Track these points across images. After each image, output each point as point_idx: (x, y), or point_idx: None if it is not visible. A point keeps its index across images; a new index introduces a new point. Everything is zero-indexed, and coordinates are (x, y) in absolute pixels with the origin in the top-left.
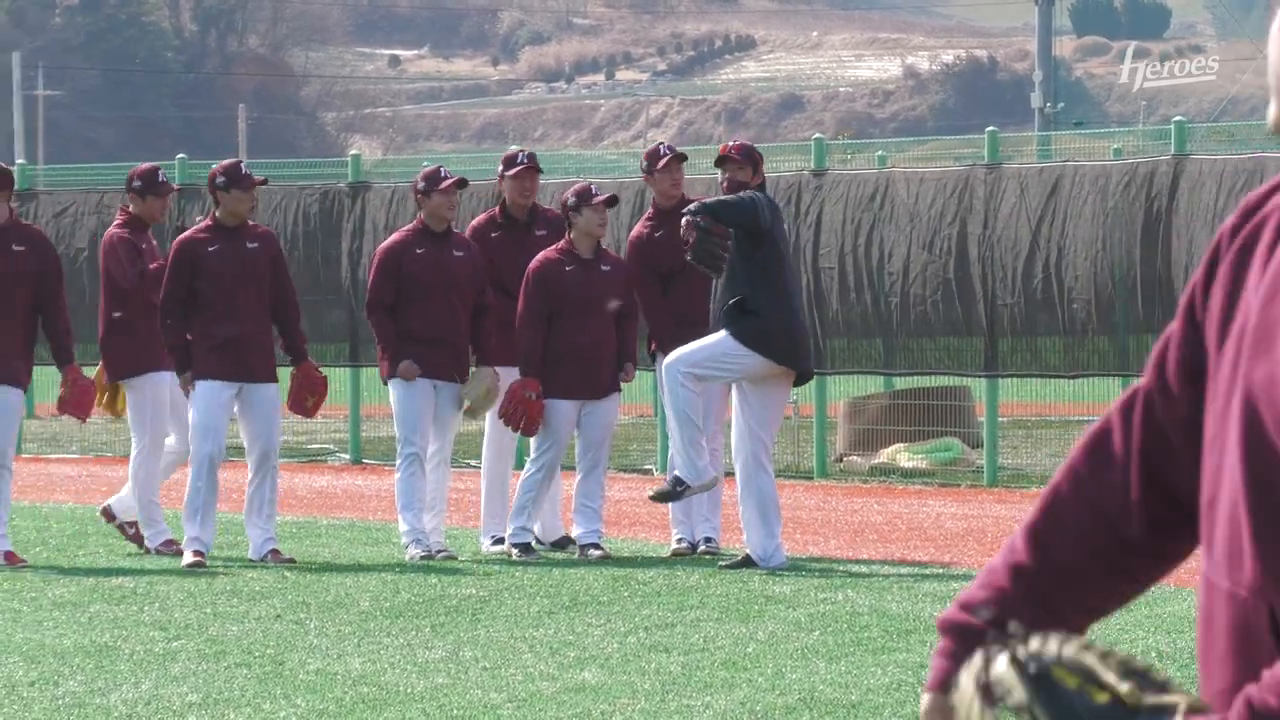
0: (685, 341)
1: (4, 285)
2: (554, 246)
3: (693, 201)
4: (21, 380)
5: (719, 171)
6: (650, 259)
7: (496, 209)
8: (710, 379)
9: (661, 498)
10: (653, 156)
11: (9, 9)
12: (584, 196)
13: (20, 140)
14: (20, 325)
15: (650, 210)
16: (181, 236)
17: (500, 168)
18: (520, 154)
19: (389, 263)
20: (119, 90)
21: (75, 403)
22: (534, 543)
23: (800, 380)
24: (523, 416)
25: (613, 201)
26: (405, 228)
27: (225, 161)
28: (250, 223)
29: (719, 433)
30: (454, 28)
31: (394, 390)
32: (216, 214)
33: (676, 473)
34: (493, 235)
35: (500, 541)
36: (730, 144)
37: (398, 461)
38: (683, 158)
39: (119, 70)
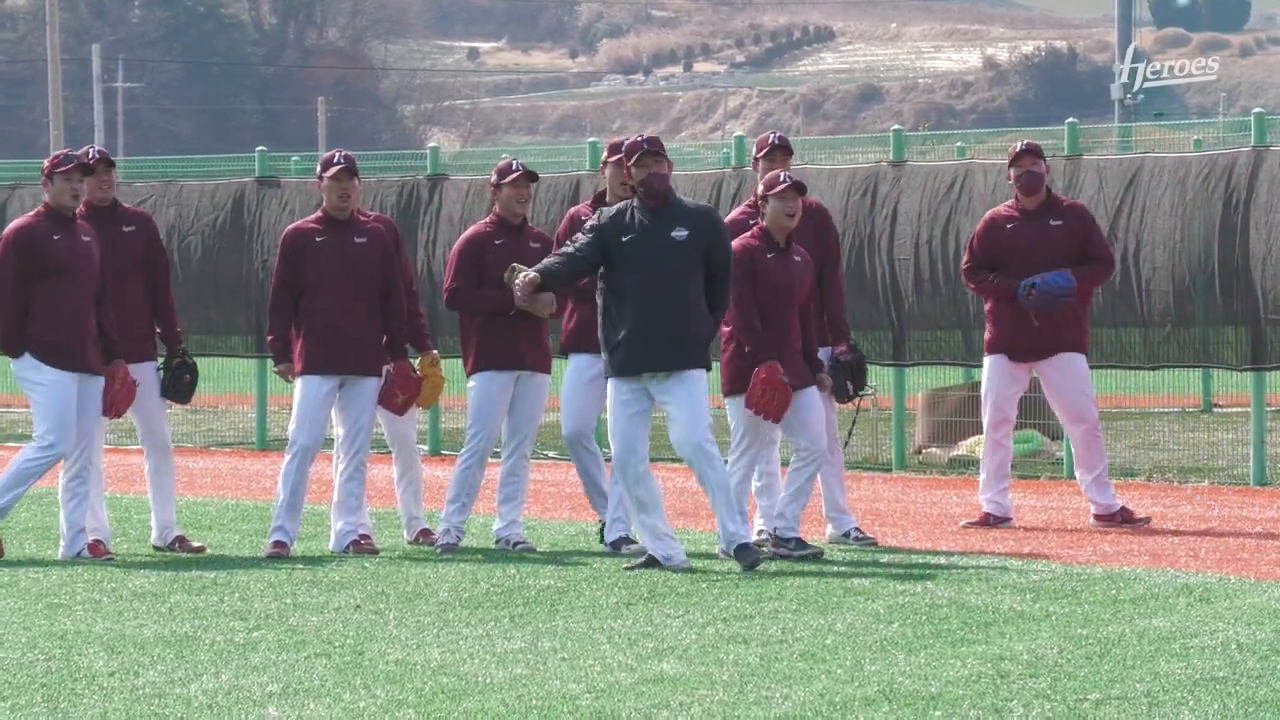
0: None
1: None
2: (750, 233)
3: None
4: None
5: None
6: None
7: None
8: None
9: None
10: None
11: (89, 2)
12: (769, 186)
13: (100, 132)
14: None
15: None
16: (290, 227)
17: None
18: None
19: (469, 253)
20: (198, 83)
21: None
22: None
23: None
24: (774, 399)
25: (801, 189)
26: (483, 220)
27: (327, 153)
28: (363, 216)
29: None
30: (532, 20)
31: (474, 384)
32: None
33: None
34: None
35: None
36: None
37: (468, 453)
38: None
39: (198, 63)
